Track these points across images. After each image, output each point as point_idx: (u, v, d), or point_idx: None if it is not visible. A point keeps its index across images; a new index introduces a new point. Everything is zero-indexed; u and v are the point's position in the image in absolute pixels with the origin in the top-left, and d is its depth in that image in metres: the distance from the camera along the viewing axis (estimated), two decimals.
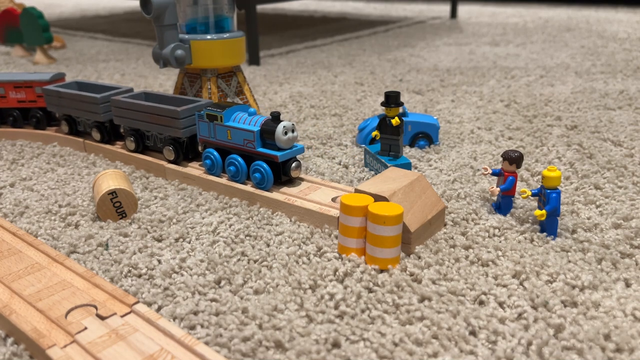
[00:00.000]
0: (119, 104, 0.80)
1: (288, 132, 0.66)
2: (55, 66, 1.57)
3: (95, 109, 0.82)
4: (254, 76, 1.39)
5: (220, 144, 0.71)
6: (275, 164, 0.67)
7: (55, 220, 0.64)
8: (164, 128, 0.76)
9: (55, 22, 2.65)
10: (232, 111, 0.70)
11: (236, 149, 0.69)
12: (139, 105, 0.78)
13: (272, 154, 0.66)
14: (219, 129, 0.70)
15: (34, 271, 0.50)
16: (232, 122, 0.69)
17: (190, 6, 0.86)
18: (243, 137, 0.68)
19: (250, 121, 0.69)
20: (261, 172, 0.66)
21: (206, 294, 0.49)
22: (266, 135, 0.66)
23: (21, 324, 0.43)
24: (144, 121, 0.78)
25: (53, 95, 0.87)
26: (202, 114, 0.71)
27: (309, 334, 0.44)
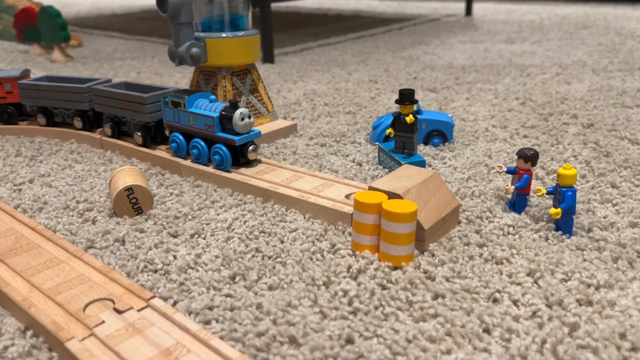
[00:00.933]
0: (98, 93, 0.86)
1: (245, 118, 0.71)
2: (72, 64, 1.59)
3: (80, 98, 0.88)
4: (268, 74, 1.40)
5: (184, 129, 0.76)
6: (233, 147, 0.72)
7: (73, 216, 0.65)
8: (134, 114, 0.81)
9: (72, 21, 2.68)
10: (194, 98, 0.75)
11: (199, 133, 0.74)
12: (114, 93, 0.83)
13: (230, 138, 0.71)
14: (183, 114, 0.75)
15: (52, 265, 0.51)
16: (194, 109, 0.74)
17: (206, 4, 0.87)
18: (204, 122, 0.73)
19: (210, 108, 0.73)
20: (220, 154, 0.71)
21: (221, 289, 0.50)
22: (225, 121, 0.71)
23: (40, 317, 0.43)
24: (118, 107, 0.83)
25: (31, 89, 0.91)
26: (167, 100, 0.77)
27: (323, 330, 0.44)
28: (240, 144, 0.71)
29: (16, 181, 0.75)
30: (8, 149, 0.88)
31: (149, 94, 0.79)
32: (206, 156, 0.74)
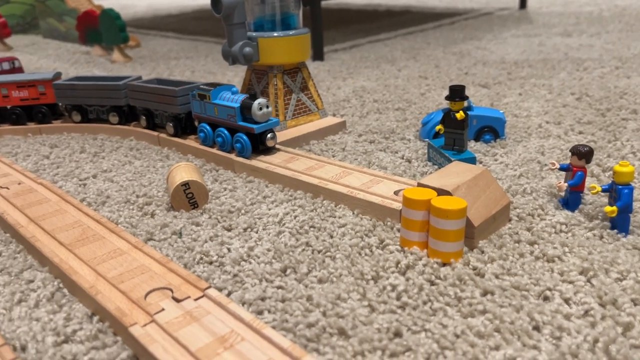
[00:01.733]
0: (134, 88, 0.93)
1: (263, 107, 0.76)
2: (130, 64, 1.65)
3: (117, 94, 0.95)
4: (318, 71, 1.41)
5: (210, 119, 0.82)
6: (253, 135, 0.76)
7: (134, 210, 0.68)
8: (166, 106, 0.88)
9: (130, 22, 2.78)
10: (218, 91, 0.80)
11: (222, 123, 0.80)
12: (148, 88, 0.90)
13: (250, 126, 0.76)
14: (209, 106, 0.81)
15: (116, 256, 0.54)
16: (218, 100, 0.80)
17: (258, 5, 0.89)
18: (227, 112, 0.78)
19: (232, 99, 0.79)
20: (241, 142, 0.77)
21: (273, 281, 0.52)
22: (245, 111, 0.76)
23: (106, 304, 0.46)
24: (152, 101, 0.90)
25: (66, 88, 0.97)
26: (195, 93, 0.83)
27: (371, 323, 0.45)
28: (258, 132, 0.76)
29: (81, 176, 0.80)
30: (73, 146, 0.93)
31: (180, 88, 0.86)
32: (229, 144, 0.80)
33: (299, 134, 0.88)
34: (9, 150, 0.92)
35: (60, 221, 0.62)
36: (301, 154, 0.78)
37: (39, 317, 0.48)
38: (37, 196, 0.69)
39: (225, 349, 0.40)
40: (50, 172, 0.82)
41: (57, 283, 0.53)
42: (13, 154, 0.90)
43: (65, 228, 0.60)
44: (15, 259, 0.58)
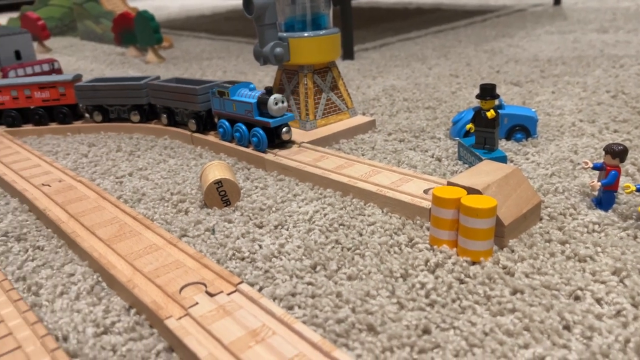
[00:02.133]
0: (155, 87, 0.97)
1: (278, 102, 0.79)
2: (164, 65, 1.69)
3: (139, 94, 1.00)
4: (348, 70, 1.42)
5: (229, 115, 0.85)
6: (269, 129, 0.79)
7: (168, 207, 0.70)
8: (187, 104, 0.91)
9: (164, 23, 2.83)
10: (236, 88, 0.84)
11: (240, 118, 0.83)
12: (169, 87, 0.94)
13: (265, 120, 0.79)
14: (227, 102, 0.85)
15: (152, 251, 0.56)
16: (236, 97, 0.83)
17: (289, 5, 0.90)
18: (244, 108, 0.82)
19: (250, 95, 0.82)
20: (257, 136, 0.80)
21: (303, 277, 0.53)
22: (261, 106, 0.79)
23: (143, 297, 0.48)
24: (173, 99, 0.94)
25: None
26: (214, 91, 0.86)
27: (400, 320, 0.45)
28: (274, 125, 0.79)
29: (118, 174, 0.82)
30: (110, 145, 0.96)
31: (201, 86, 0.90)
32: (247, 139, 0.83)
33: (329, 133, 0.89)
34: (50, 149, 0.95)
35: (98, 217, 0.64)
36: (331, 153, 0.79)
37: (80, 309, 0.50)
38: (77, 193, 0.71)
39: (257, 342, 0.42)
40: (89, 170, 0.85)
41: (96, 277, 0.55)
42: (53, 152, 0.94)
43: (104, 224, 0.62)
44: (57, 253, 0.61)
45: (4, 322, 0.46)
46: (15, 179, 0.77)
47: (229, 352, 0.41)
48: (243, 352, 0.41)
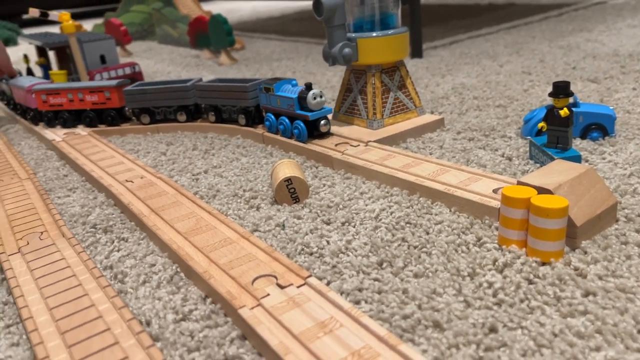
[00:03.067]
0: (202, 88, 1.04)
1: (316, 97, 0.85)
2: (236, 66, 1.75)
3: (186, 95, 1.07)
4: (416, 69, 1.41)
5: (274, 109, 0.92)
6: (308, 121, 0.86)
7: (241, 203, 0.73)
8: (237, 100, 0.99)
9: (236, 26, 2.92)
10: (280, 84, 0.91)
11: (284, 112, 0.90)
12: (219, 86, 1.01)
13: (305, 114, 0.86)
14: (272, 98, 0.92)
15: (226, 244, 0.59)
16: (280, 92, 0.90)
17: (358, 6, 0.91)
18: (287, 102, 0.88)
19: (292, 91, 0.88)
20: (298, 128, 0.88)
21: (369, 273, 0.54)
22: (301, 101, 0.86)
23: (218, 287, 0.51)
24: (221, 98, 1.01)
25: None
26: (261, 87, 0.94)
27: (467, 318, 0.46)
28: (313, 118, 0.86)
29: (194, 171, 0.87)
30: (186, 144, 1.01)
31: (250, 83, 0.97)
32: (289, 131, 0.90)
33: (396, 132, 0.89)
34: (132, 148, 1.02)
35: (177, 212, 0.68)
36: (398, 152, 0.80)
37: (161, 297, 0.54)
38: (157, 189, 0.76)
39: (325, 333, 0.43)
40: (167, 167, 0.90)
41: (175, 267, 0.59)
42: (135, 151, 1.00)
43: (182, 218, 0.66)
44: (139, 244, 0.65)
45: (94, 306, 0.50)
46: (102, 176, 0.83)
47: (299, 342, 0.43)
48: (312, 342, 0.42)
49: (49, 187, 0.86)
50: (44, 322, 0.48)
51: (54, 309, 0.50)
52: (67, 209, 0.77)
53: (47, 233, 0.66)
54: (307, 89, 0.85)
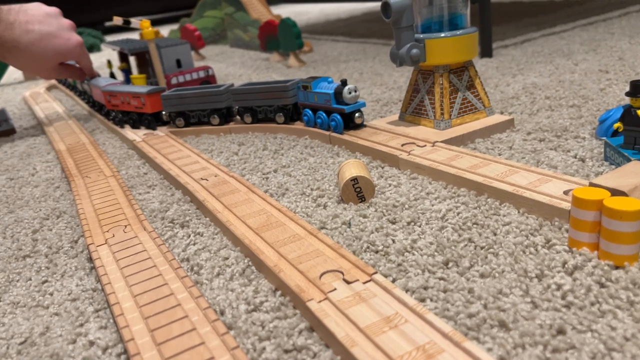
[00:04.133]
0: (238, 91, 1.11)
1: (351, 92, 0.93)
2: (304, 68, 1.78)
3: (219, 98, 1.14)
4: (486, 69, 1.39)
5: (312, 105, 1.01)
6: (344, 114, 0.94)
7: (308, 201, 0.76)
8: (276, 100, 1.07)
9: (304, 28, 2.97)
10: (317, 82, 0.99)
11: (321, 107, 0.99)
12: (256, 89, 1.09)
13: (341, 107, 0.94)
14: (310, 94, 1.00)
15: (295, 240, 0.61)
16: (317, 89, 0.98)
17: (426, 7, 0.91)
18: (324, 98, 0.97)
19: (328, 87, 0.97)
20: (335, 121, 0.96)
21: (435, 272, 0.54)
22: (337, 95, 0.94)
23: (287, 280, 0.53)
24: (259, 99, 1.09)
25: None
26: (299, 85, 1.02)
27: (534, 319, 0.45)
28: (348, 111, 0.94)
29: (264, 170, 0.90)
30: (257, 144, 1.05)
31: (290, 83, 1.06)
32: (326, 124, 0.98)
33: (464, 132, 0.89)
34: (206, 148, 1.07)
35: (248, 209, 0.71)
36: (465, 152, 0.80)
37: (234, 289, 0.57)
38: (230, 187, 0.80)
39: (390, 328, 0.45)
40: (239, 166, 0.94)
41: (247, 261, 0.62)
42: (209, 150, 1.05)
43: (253, 215, 0.69)
44: (213, 239, 0.69)
45: (173, 295, 0.54)
46: (179, 174, 0.88)
47: (364, 335, 0.44)
48: (377, 336, 0.44)
49: (131, 184, 0.92)
50: (129, 308, 0.53)
51: (138, 296, 0.54)
52: (147, 204, 0.82)
53: (130, 226, 0.71)
54: (343, 84, 0.93)
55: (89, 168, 0.99)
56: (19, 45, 1.00)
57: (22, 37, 1.00)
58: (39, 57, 1.04)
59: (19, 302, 0.60)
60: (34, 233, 0.78)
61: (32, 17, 1.02)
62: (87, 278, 0.64)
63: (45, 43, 1.03)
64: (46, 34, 1.03)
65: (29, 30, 1.02)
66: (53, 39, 1.05)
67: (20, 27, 1.00)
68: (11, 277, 0.66)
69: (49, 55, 1.05)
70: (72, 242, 0.73)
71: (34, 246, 0.74)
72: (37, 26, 1.03)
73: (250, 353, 0.47)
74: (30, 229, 0.79)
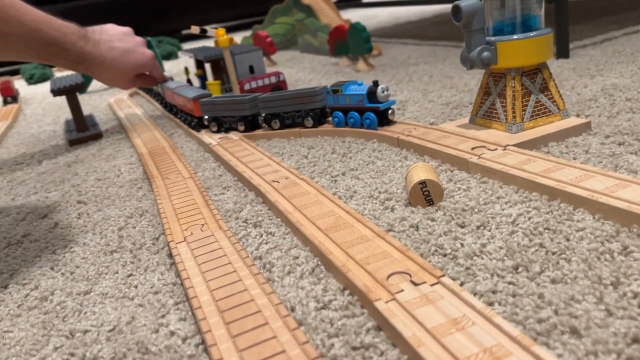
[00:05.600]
0: (265, 99, 1.18)
1: (384, 91, 1.02)
2: (373, 72, 1.79)
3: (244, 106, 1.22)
4: (562, 70, 1.34)
5: (342, 107, 1.09)
6: (378, 112, 1.03)
7: (376, 204, 0.77)
8: (305, 105, 1.14)
9: (373, 32, 2.98)
10: (347, 85, 1.08)
11: (353, 107, 1.07)
12: (283, 95, 1.16)
13: (376, 105, 1.03)
14: (341, 97, 1.08)
15: (362, 242, 0.63)
16: (349, 91, 1.07)
17: (498, 9, 0.90)
18: (357, 99, 1.05)
19: (360, 89, 1.06)
20: (369, 119, 1.04)
21: (504, 277, 0.54)
22: (371, 95, 1.03)
23: (355, 280, 0.55)
24: (287, 105, 1.16)
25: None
26: (329, 90, 1.10)
27: (607, 326, 0.44)
28: (383, 108, 1.03)
29: (333, 173, 0.92)
30: (326, 148, 1.07)
31: (318, 88, 1.13)
32: (359, 122, 1.07)
33: (537, 136, 0.87)
34: (277, 151, 1.10)
35: (318, 210, 0.73)
36: (538, 156, 0.78)
37: (303, 287, 0.59)
38: (300, 189, 0.82)
39: (457, 330, 0.45)
40: (309, 169, 0.96)
41: (316, 260, 0.64)
42: (280, 154, 1.08)
43: (322, 216, 0.71)
44: (284, 239, 0.71)
45: (247, 291, 0.57)
46: (252, 176, 0.92)
47: (431, 335, 0.45)
48: (444, 337, 0.44)
49: (207, 186, 0.97)
50: (206, 302, 0.56)
51: (214, 291, 0.57)
52: (222, 205, 0.86)
53: (207, 225, 0.75)
54: (375, 85, 1.02)
55: (168, 170, 1.05)
56: (104, 60, 1.12)
57: (107, 54, 1.12)
58: (121, 71, 1.16)
59: (108, 293, 0.65)
60: (120, 230, 0.84)
61: (112, 36, 1.14)
62: (168, 273, 0.68)
63: (126, 58, 1.16)
64: (126, 50, 1.16)
65: (113, 48, 1.13)
66: (132, 55, 1.17)
67: (105, 45, 1.12)
68: (100, 270, 0.72)
69: (129, 69, 1.18)
70: (154, 239, 0.78)
71: (120, 242, 0.79)
72: (118, 44, 1.15)
73: (319, 348, 0.49)
74: (117, 226, 0.85)
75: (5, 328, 0.62)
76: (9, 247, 0.85)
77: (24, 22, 0.95)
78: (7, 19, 0.91)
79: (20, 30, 0.94)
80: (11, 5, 0.92)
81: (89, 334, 0.58)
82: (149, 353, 0.53)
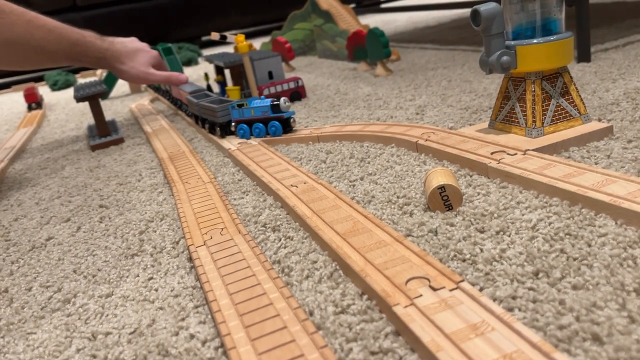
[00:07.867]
0: (200, 105, 1.34)
1: (286, 102, 1.19)
2: (391, 77, 1.79)
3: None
4: (583, 74, 1.33)
5: (248, 119, 1.23)
6: (282, 120, 1.20)
7: (394, 209, 0.77)
8: (212, 117, 1.30)
9: (391, 37, 2.98)
10: (251, 100, 1.22)
11: (258, 119, 1.22)
12: (200, 104, 1.33)
13: (281, 114, 1.20)
14: (246, 110, 1.23)
15: (380, 246, 0.63)
16: (252, 105, 1.21)
17: (517, 13, 0.90)
18: (262, 110, 1.21)
19: (263, 102, 1.20)
20: (275, 126, 1.20)
21: (524, 282, 0.54)
22: (274, 107, 1.19)
23: (373, 285, 0.55)
24: (205, 113, 1.34)
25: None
26: (234, 105, 1.24)
27: (630, 334, 0.44)
28: (287, 117, 1.20)
29: (351, 178, 0.92)
30: (344, 152, 1.07)
31: (223, 105, 1.26)
32: (264, 131, 1.22)
33: (557, 140, 0.86)
34: (296, 156, 1.11)
35: (336, 215, 0.74)
36: (559, 161, 0.77)
37: (322, 291, 0.59)
38: (318, 194, 0.83)
39: (476, 335, 0.45)
40: (327, 174, 0.97)
41: (334, 265, 0.64)
42: (298, 158, 1.09)
43: (340, 221, 0.71)
44: (303, 243, 0.72)
45: (266, 294, 0.57)
46: (271, 181, 0.92)
47: (450, 341, 0.45)
48: (463, 342, 0.44)
49: (226, 190, 0.98)
50: (226, 305, 0.56)
51: (234, 294, 0.58)
52: (241, 209, 0.87)
53: (226, 229, 0.76)
54: (277, 99, 1.20)
55: (188, 174, 1.06)
56: (121, 55, 1.33)
57: (122, 49, 1.34)
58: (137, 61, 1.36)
59: (129, 296, 0.66)
60: (141, 234, 0.85)
61: (122, 39, 1.38)
62: (188, 276, 0.69)
63: (139, 51, 1.38)
64: (136, 47, 1.38)
65: (125, 45, 1.36)
66: (142, 50, 1.39)
67: (119, 44, 1.35)
68: (122, 273, 0.73)
69: (143, 59, 1.37)
70: (174, 243, 0.79)
71: (141, 246, 0.80)
72: (129, 44, 1.37)
73: (337, 353, 0.49)
74: (137, 230, 0.86)
75: (29, 330, 0.63)
76: (32, 250, 0.87)
77: (50, 29, 1.17)
78: (39, 28, 1.15)
79: (48, 36, 1.17)
80: (36, 17, 1.15)
81: (110, 336, 0.59)
82: (169, 355, 0.53)
